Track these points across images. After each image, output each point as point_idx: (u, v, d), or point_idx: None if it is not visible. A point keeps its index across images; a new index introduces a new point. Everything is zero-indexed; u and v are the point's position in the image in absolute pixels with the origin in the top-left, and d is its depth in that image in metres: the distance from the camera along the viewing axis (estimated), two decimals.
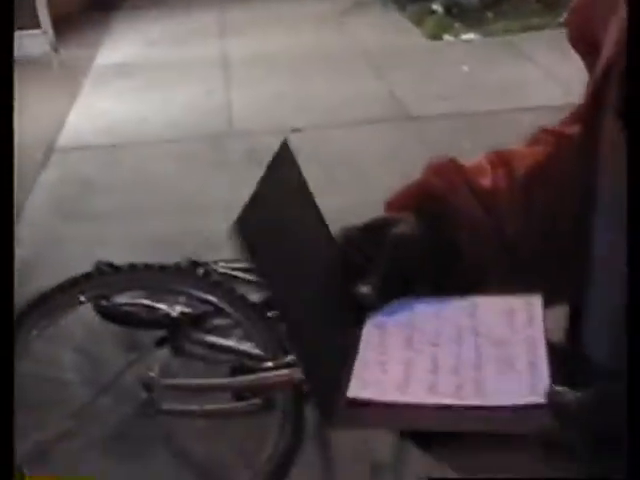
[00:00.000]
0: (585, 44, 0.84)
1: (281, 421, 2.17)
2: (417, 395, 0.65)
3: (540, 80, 5.24)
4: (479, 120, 4.65)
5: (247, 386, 2.23)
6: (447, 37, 6.67)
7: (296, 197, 0.79)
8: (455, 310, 0.76)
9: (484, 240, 0.83)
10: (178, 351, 2.47)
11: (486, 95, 5.19)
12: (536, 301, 0.76)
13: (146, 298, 2.55)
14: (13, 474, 0.71)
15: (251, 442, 2.29)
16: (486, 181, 0.86)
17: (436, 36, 6.69)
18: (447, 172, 0.86)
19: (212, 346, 2.48)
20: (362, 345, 0.72)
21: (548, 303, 0.84)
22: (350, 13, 7.61)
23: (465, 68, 5.78)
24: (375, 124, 4.92)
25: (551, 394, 0.65)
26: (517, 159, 0.88)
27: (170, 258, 2.71)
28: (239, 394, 2.34)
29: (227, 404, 2.33)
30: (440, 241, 0.82)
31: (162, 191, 4.30)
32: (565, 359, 0.71)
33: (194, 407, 2.30)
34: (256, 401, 2.30)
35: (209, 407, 2.30)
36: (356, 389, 0.66)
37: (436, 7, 7.23)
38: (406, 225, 0.81)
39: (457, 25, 6.84)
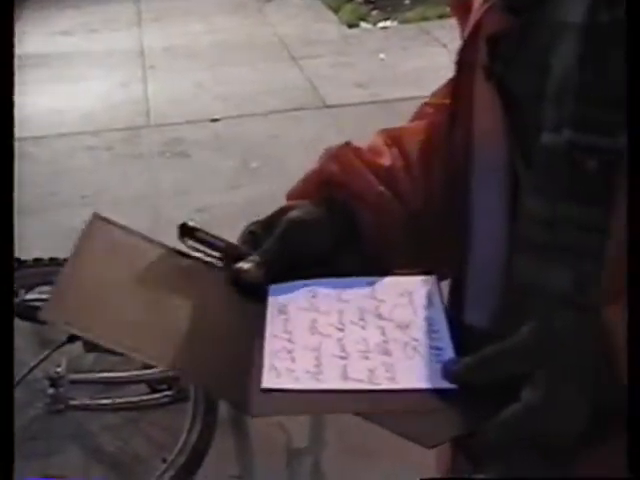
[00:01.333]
0: (462, 8, 0.86)
1: (193, 411, 2.17)
2: (331, 382, 0.66)
3: (453, 66, 5.32)
4: (395, 107, 4.70)
5: (158, 378, 2.22)
6: (364, 24, 6.71)
7: (126, 257, 0.75)
8: (355, 292, 0.76)
9: (387, 220, 0.83)
10: (90, 345, 2.44)
11: (402, 82, 5.24)
12: (432, 280, 0.77)
13: None
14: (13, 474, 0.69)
15: (164, 434, 2.29)
16: (384, 160, 0.86)
17: (353, 23, 6.72)
18: (344, 156, 0.85)
19: None
20: (268, 332, 0.72)
21: (448, 276, 0.86)
22: (268, 0, 7.59)
23: (382, 55, 5.82)
24: (293, 112, 4.92)
25: (444, 364, 0.67)
26: (408, 136, 0.88)
27: None
28: (153, 386, 2.33)
29: (139, 397, 2.32)
30: (341, 225, 0.81)
31: (77, 184, 4.23)
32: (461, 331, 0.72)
33: (105, 401, 2.28)
34: (169, 392, 2.29)
35: (120, 400, 2.29)
36: (270, 379, 0.67)
37: None
38: (300, 210, 0.80)
39: (374, 12, 6.89)
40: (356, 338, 0.70)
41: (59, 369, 2.15)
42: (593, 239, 0.70)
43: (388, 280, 0.78)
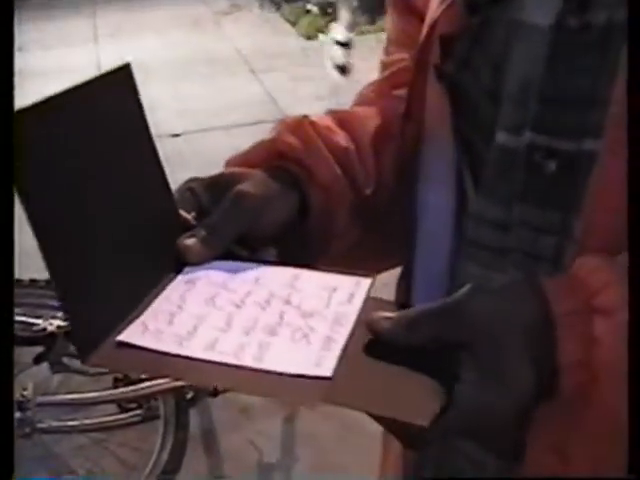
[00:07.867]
0: (404, 6, 0.86)
1: (164, 430, 2.16)
2: (193, 350, 0.62)
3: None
4: None
5: (126, 397, 2.20)
6: (322, 36, 6.74)
7: (127, 126, 0.71)
8: (275, 278, 0.72)
9: (337, 204, 0.80)
10: (57, 366, 2.42)
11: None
12: (364, 282, 0.72)
13: (20, 315, 2.48)
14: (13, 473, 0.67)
15: (135, 454, 2.27)
16: (341, 140, 0.82)
17: (311, 36, 6.76)
18: (303, 130, 0.80)
19: None
20: (162, 296, 0.69)
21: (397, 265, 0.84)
22: (226, 14, 7.59)
23: None
24: (253, 126, 4.92)
25: (371, 320, 0.63)
26: (357, 121, 0.85)
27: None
28: (122, 406, 2.31)
29: (108, 417, 2.30)
30: (291, 203, 0.77)
31: None
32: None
33: (73, 423, 2.26)
34: (138, 411, 2.28)
35: (89, 421, 2.26)
36: (130, 334, 0.63)
37: (311, 7, 7.29)
38: (250, 182, 0.74)
39: (332, 24, 6.92)
40: (248, 316, 0.67)
41: (25, 392, 2.12)
42: (550, 242, 0.68)
43: (316, 274, 0.73)
